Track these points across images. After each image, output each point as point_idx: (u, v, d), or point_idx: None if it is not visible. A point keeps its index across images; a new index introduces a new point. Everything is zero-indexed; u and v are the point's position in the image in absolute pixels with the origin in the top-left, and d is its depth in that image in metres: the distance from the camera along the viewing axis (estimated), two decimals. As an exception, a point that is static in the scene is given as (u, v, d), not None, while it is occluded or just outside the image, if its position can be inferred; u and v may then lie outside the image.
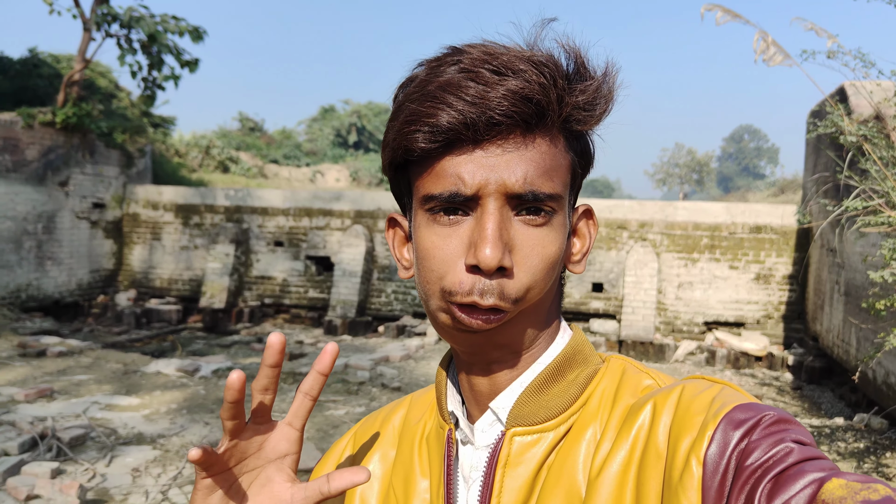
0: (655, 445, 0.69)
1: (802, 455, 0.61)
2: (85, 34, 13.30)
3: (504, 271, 0.71)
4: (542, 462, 0.76)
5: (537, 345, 0.79)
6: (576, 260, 0.82)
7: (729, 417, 0.65)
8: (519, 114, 0.69)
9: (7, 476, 5.06)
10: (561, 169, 0.74)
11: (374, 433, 0.94)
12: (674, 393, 0.72)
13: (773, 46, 4.75)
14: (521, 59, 0.70)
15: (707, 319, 12.03)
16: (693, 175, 69.18)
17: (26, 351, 9.25)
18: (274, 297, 13.94)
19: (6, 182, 12.08)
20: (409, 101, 0.72)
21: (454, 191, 0.70)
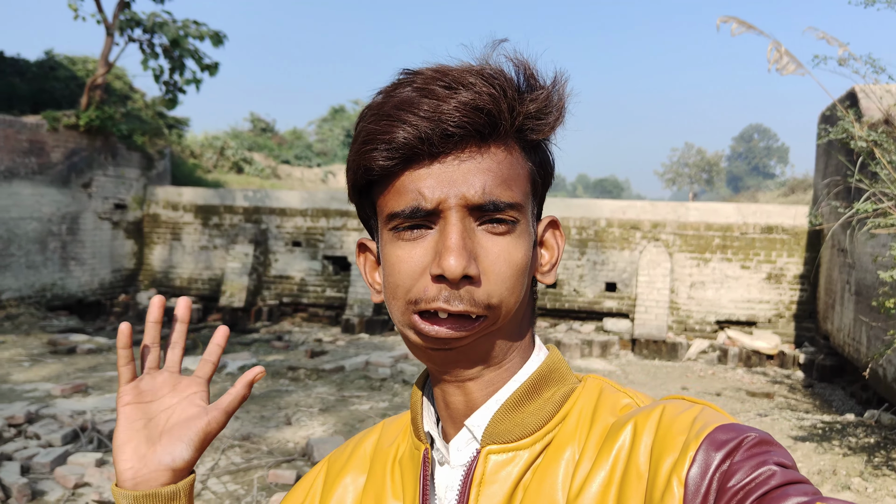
0: (636, 466, 0.69)
1: (785, 478, 0.61)
2: (108, 39, 13.59)
3: (471, 279, 0.71)
4: (517, 481, 0.76)
5: (512, 360, 0.79)
6: (545, 271, 0.83)
7: (711, 438, 0.65)
8: (471, 124, 0.71)
9: (55, 465, 5.32)
10: (520, 178, 0.75)
11: (345, 460, 0.93)
12: (654, 413, 0.72)
13: (786, 56, 4.95)
14: (471, 73, 0.72)
15: (719, 318, 12.22)
16: (703, 175, 69.16)
17: (57, 348, 9.53)
18: (292, 296, 14.20)
19: (32, 184, 12.39)
20: (366, 123, 0.74)
21: (415, 206, 0.71)
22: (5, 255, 11.98)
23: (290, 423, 6.70)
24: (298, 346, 11.35)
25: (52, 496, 4.92)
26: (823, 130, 6.85)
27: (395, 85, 0.74)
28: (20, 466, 5.21)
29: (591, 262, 12.76)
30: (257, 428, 6.51)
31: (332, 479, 0.92)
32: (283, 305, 14.25)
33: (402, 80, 0.74)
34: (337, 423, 6.77)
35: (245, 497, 5.04)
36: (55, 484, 5.09)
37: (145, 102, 19.51)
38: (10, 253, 12.06)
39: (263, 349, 11.14)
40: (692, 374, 10.26)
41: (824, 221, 11.03)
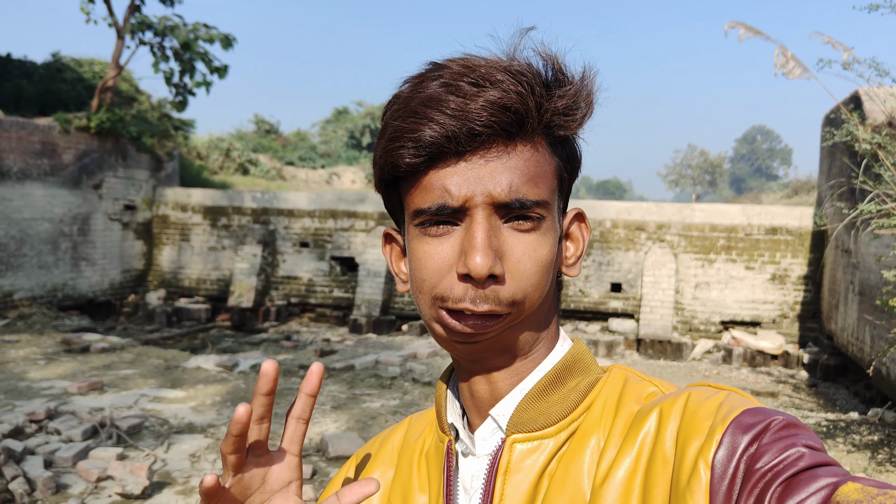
0: (662, 451, 0.69)
1: (814, 460, 0.60)
2: (118, 42, 13.74)
3: (496, 278, 0.71)
4: (543, 469, 0.76)
5: (537, 350, 0.80)
6: (570, 263, 0.82)
7: (738, 421, 0.65)
8: (499, 123, 0.70)
9: (76, 460, 5.45)
10: (546, 175, 0.75)
11: (373, 456, 0.93)
12: (680, 399, 0.71)
13: (791, 61, 5.07)
14: (498, 69, 0.71)
15: (724, 319, 12.33)
16: (706, 176, 69.20)
17: (71, 347, 9.66)
18: (300, 296, 14.33)
19: (44, 185, 12.53)
20: (393, 119, 0.73)
21: (441, 203, 0.71)
22: (18, 256, 12.12)
23: (304, 420, 6.82)
24: (307, 345, 11.47)
25: (75, 489, 5.04)
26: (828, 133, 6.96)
27: (421, 77, 0.74)
28: (43, 461, 5.33)
29: (597, 263, 12.87)
30: (272, 425, 6.62)
31: (362, 474, 0.92)
32: (291, 306, 14.38)
33: (429, 73, 0.73)
34: (349, 420, 6.88)
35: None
36: (78, 478, 5.22)
37: (151, 104, 19.63)
38: (22, 253, 12.20)
39: (273, 349, 11.27)
40: (697, 374, 10.36)
41: (828, 222, 11.13)
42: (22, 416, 6.26)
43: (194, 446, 5.95)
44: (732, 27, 4.95)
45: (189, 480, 5.26)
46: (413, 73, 0.76)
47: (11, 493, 4.82)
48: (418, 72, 0.76)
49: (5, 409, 6.63)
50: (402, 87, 0.76)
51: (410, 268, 0.77)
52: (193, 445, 5.97)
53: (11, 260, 12.01)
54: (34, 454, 5.50)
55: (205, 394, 7.64)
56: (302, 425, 0.78)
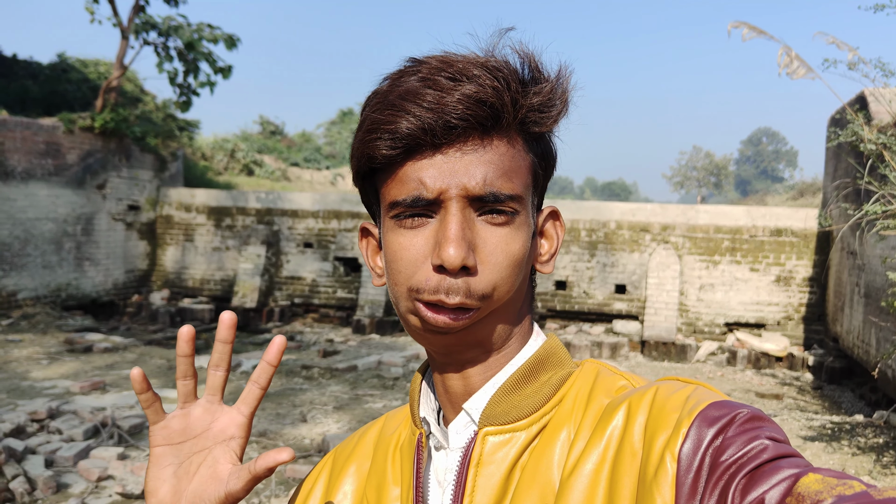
0: (631, 444, 0.70)
1: (777, 452, 0.61)
2: (123, 42, 13.76)
3: (468, 270, 0.72)
4: (514, 462, 0.77)
5: (510, 345, 0.81)
6: (544, 260, 0.83)
7: (703, 415, 0.66)
8: (474, 117, 0.71)
9: (77, 459, 5.44)
10: (521, 170, 0.76)
11: (350, 451, 0.95)
12: (649, 393, 0.73)
13: (796, 61, 5.04)
14: (476, 65, 0.72)
15: (728, 321, 12.28)
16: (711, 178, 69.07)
17: (73, 347, 9.66)
18: (303, 296, 14.32)
19: (48, 185, 12.55)
20: (371, 112, 0.75)
21: (416, 195, 0.73)
22: (22, 256, 12.14)
23: (306, 421, 6.81)
24: (310, 346, 11.46)
25: (76, 488, 5.03)
26: (833, 133, 6.92)
27: (400, 73, 0.75)
28: (44, 460, 5.33)
29: (601, 265, 12.83)
30: (274, 425, 6.61)
31: (339, 469, 0.94)
32: (295, 306, 14.37)
33: (408, 69, 0.75)
34: (351, 420, 6.87)
35: (264, 491, 5.14)
36: (79, 477, 5.21)
37: (156, 105, 19.67)
38: (26, 253, 12.22)
39: (276, 349, 11.26)
40: (701, 376, 10.32)
41: (834, 224, 11.09)
42: (24, 415, 6.26)
43: (195, 446, 5.95)
44: (736, 27, 4.92)
45: (190, 480, 5.26)
46: (392, 70, 0.77)
47: (12, 493, 4.81)
48: (397, 68, 0.77)
49: (7, 409, 6.63)
50: (382, 84, 0.77)
51: (386, 260, 0.78)
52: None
53: (15, 260, 12.02)
54: (35, 453, 5.49)
55: (207, 394, 7.63)
56: (258, 389, 0.82)
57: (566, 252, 13.02)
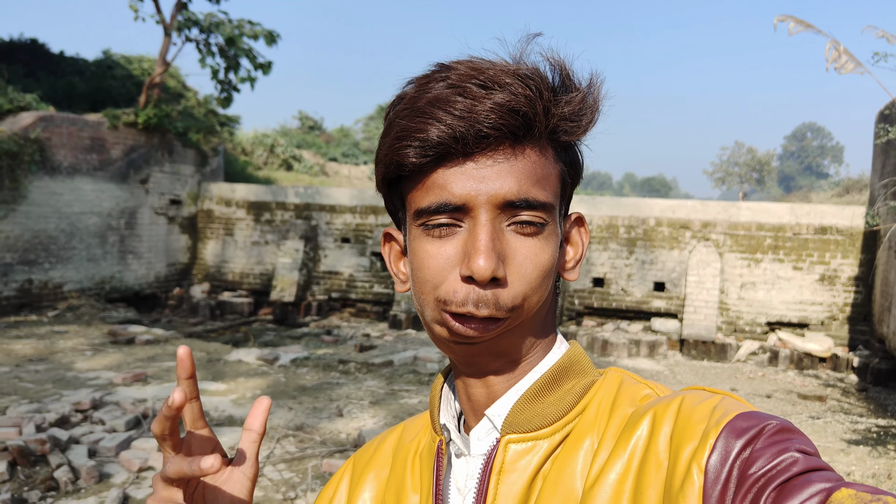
0: (656, 454, 0.69)
1: (808, 465, 0.60)
2: (165, 39, 13.96)
3: (498, 281, 0.72)
4: (537, 470, 0.76)
5: (534, 353, 0.80)
6: (569, 267, 0.83)
7: (731, 426, 0.64)
8: (506, 126, 0.70)
9: (119, 450, 5.54)
10: (551, 178, 0.75)
11: (369, 458, 0.95)
12: (674, 402, 0.71)
13: (844, 55, 4.90)
14: (507, 72, 0.71)
15: (770, 320, 12.05)
16: (753, 174, 67.87)
17: (117, 339, 9.85)
18: (341, 291, 14.42)
19: (93, 180, 12.80)
20: (399, 118, 0.73)
21: (444, 201, 0.72)
22: (68, 249, 12.41)
23: (342, 415, 6.85)
24: (347, 340, 11.53)
25: (117, 479, 5.13)
26: (882, 129, 6.73)
27: (427, 78, 0.74)
28: (87, 450, 5.44)
29: (640, 262, 12.69)
30: (310, 419, 6.67)
31: (358, 476, 0.94)
32: (332, 300, 14.47)
33: (435, 74, 0.73)
34: (387, 415, 6.89)
35: (300, 485, 5.19)
36: (120, 467, 5.31)
37: (198, 101, 19.94)
38: (72, 246, 12.49)
39: (313, 343, 11.35)
40: (741, 376, 10.15)
41: (881, 222, 10.80)
42: (68, 405, 6.40)
43: (234, 439, 6.02)
44: (782, 21, 4.80)
45: (228, 473, 5.32)
46: (418, 75, 0.76)
47: (56, 481, 4.92)
48: (423, 72, 0.76)
49: (53, 399, 6.78)
50: (407, 88, 0.76)
51: (412, 268, 0.77)
52: (233, 438, 6.04)
53: (62, 253, 12.30)
54: (79, 443, 5.61)
55: (245, 387, 7.72)
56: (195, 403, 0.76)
57: (604, 249, 12.90)
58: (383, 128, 0.76)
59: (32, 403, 6.55)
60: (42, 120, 11.72)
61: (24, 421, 5.75)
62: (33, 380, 7.57)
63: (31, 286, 11.75)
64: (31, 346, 9.19)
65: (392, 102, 0.77)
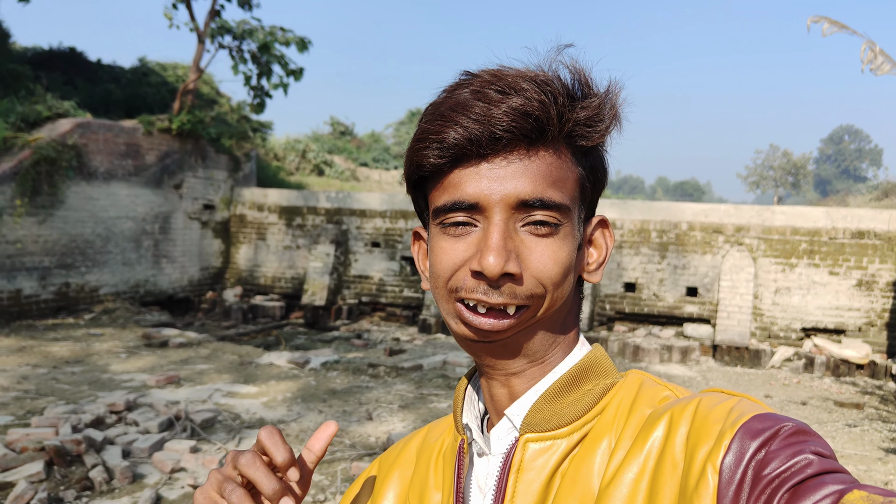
0: (672, 455, 0.69)
1: (822, 467, 0.60)
2: (199, 46, 14.17)
3: (513, 276, 0.74)
4: (555, 469, 0.77)
5: (555, 354, 0.82)
6: (591, 269, 0.84)
7: (746, 427, 0.65)
8: (519, 129, 0.73)
9: (152, 451, 5.62)
10: (568, 181, 0.77)
11: (394, 458, 0.97)
12: (692, 404, 0.72)
13: (880, 56, 4.80)
14: (525, 78, 0.74)
15: (805, 326, 11.85)
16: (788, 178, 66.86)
17: (150, 342, 10.00)
18: (371, 295, 14.48)
19: (128, 185, 13.02)
20: (423, 122, 0.78)
21: (457, 199, 0.75)
22: (103, 253, 12.63)
23: (371, 419, 6.87)
24: (377, 344, 11.57)
25: (150, 479, 5.20)
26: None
27: (455, 86, 0.78)
28: (121, 450, 5.53)
29: (672, 267, 12.56)
30: (340, 422, 6.70)
31: (383, 476, 0.96)
32: (362, 304, 14.54)
33: (462, 82, 0.77)
34: (416, 419, 6.90)
35: (329, 487, 5.22)
36: (153, 468, 5.38)
37: (231, 107, 20.19)
38: (107, 250, 12.71)
39: (343, 346, 11.41)
40: (776, 382, 9.99)
41: (920, 226, 10.57)
42: (103, 406, 6.51)
43: (264, 441, 6.07)
44: (815, 21, 4.73)
45: (258, 475, 5.37)
46: (450, 83, 0.80)
47: (91, 481, 5.00)
48: (455, 80, 0.79)
49: (89, 400, 6.90)
50: (438, 97, 0.79)
51: (429, 263, 0.81)
52: (263, 440, 6.09)
53: (98, 256, 12.52)
54: (113, 444, 5.70)
55: (276, 390, 7.79)
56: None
57: (636, 254, 12.79)
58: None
59: (69, 404, 6.67)
60: (79, 126, 11.96)
61: (61, 421, 5.86)
62: (70, 381, 7.71)
63: (68, 289, 11.98)
64: (68, 349, 9.37)
65: (425, 110, 0.81)
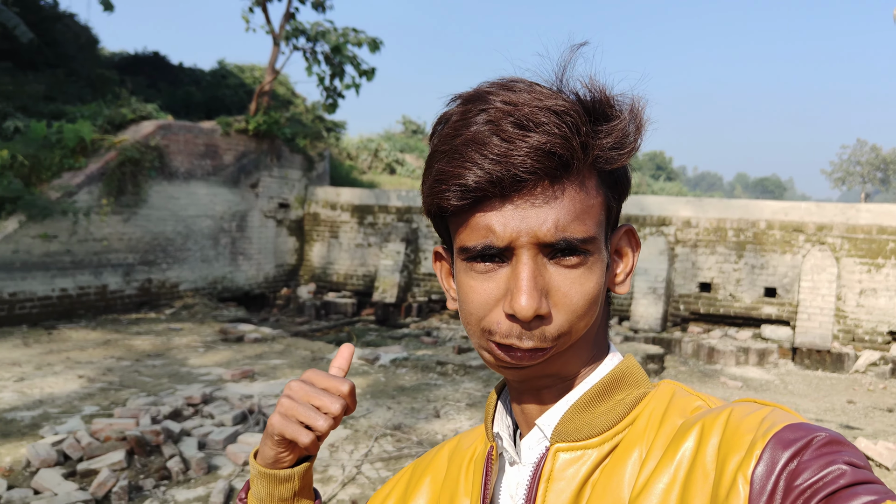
0: (703, 465, 0.69)
1: (855, 478, 0.59)
2: (274, 48, 14.51)
3: (542, 317, 0.73)
4: (585, 479, 0.77)
5: (585, 368, 0.82)
6: (619, 281, 0.84)
7: (778, 437, 0.64)
8: (543, 169, 0.70)
9: (226, 443, 5.79)
10: (593, 209, 0.75)
11: (427, 463, 0.98)
12: (723, 414, 0.72)
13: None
14: (542, 109, 0.70)
15: (893, 329, 11.32)
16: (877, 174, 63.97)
17: (227, 336, 10.31)
18: (440, 293, 14.54)
19: (207, 184, 13.45)
20: (438, 158, 0.74)
21: (487, 243, 0.72)
22: (183, 250, 13.09)
23: (439, 416, 6.91)
24: (446, 342, 11.62)
25: (224, 471, 5.36)
26: None
27: (466, 109, 0.74)
28: (197, 442, 5.71)
29: (749, 266, 12.19)
30: (408, 419, 6.76)
31: (416, 480, 0.97)
32: (432, 302, 14.63)
33: (474, 107, 0.73)
34: (483, 417, 6.88)
35: (396, 484, 5.26)
36: (227, 460, 5.54)
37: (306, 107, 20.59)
38: (187, 248, 13.16)
39: (413, 344, 11.50)
40: (860, 388, 9.58)
41: None
42: (181, 399, 6.74)
43: (333, 437, 6.17)
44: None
45: (327, 470, 5.46)
46: (460, 94, 0.77)
47: (169, 471, 5.19)
48: (466, 95, 0.76)
49: (168, 393, 7.16)
50: (449, 109, 0.77)
51: (459, 298, 0.79)
52: (333, 436, 6.20)
53: (178, 254, 12.98)
54: (190, 435, 5.89)
55: (346, 386, 7.90)
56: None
57: (711, 253, 12.47)
58: (427, 156, 0.77)
59: (149, 396, 6.94)
60: (161, 128, 12.41)
61: (142, 413, 6.10)
62: (150, 374, 8.02)
63: (150, 285, 12.46)
64: (150, 342, 9.74)
65: (435, 124, 0.78)
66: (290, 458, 0.89)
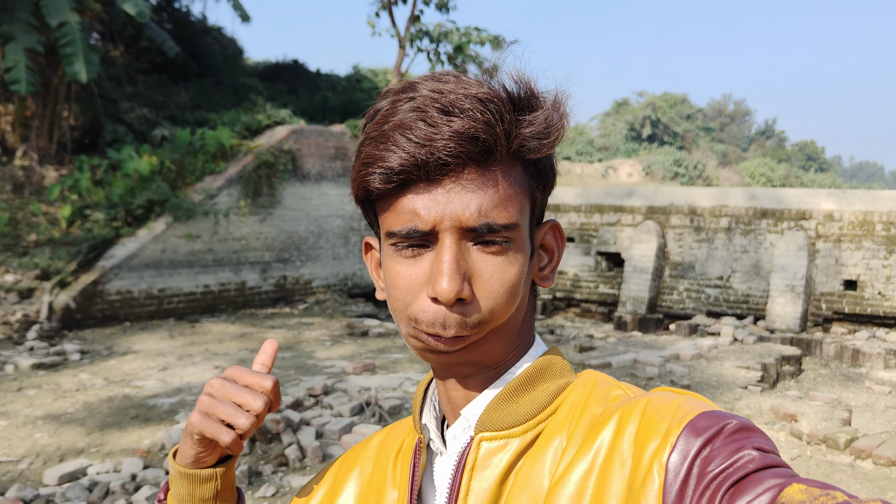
0: (620, 452, 0.71)
1: (763, 462, 0.62)
2: (400, 51, 14.88)
3: (463, 301, 0.74)
4: (509, 467, 0.78)
5: (510, 358, 0.83)
6: (544, 274, 0.85)
7: (692, 425, 0.67)
8: (466, 153, 0.71)
9: (342, 434, 6.03)
10: (517, 197, 0.76)
11: (355, 456, 0.98)
12: (640, 402, 0.73)
13: None
14: (467, 96, 0.72)
15: None
16: None
17: (353, 331, 10.70)
18: (565, 291, 14.41)
19: (337, 185, 14.00)
20: (366, 142, 0.76)
21: (412, 227, 0.74)
22: (316, 248, 13.69)
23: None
24: (569, 340, 11.50)
25: (338, 460, 5.59)
26: None
27: (396, 98, 0.75)
28: (315, 431, 5.98)
29: (899, 263, 11.28)
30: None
31: (343, 473, 0.97)
32: (557, 300, 14.52)
33: (404, 95, 0.75)
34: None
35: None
36: (341, 449, 5.77)
37: (428, 108, 21.00)
38: (319, 246, 13.76)
39: (535, 341, 11.48)
40: None
41: None
42: (304, 390, 7.07)
43: (445, 431, 6.28)
44: None
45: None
46: (390, 87, 0.79)
47: (286, 458, 5.47)
48: (397, 88, 0.78)
49: (293, 384, 7.54)
50: (380, 104, 0.78)
51: (386, 284, 0.81)
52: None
53: (311, 252, 13.60)
54: (309, 425, 6.18)
55: (462, 381, 8.01)
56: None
57: (857, 248, 11.63)
58: (358, 145, 0.79)
59: (275, 387, 7.33)
60: (293, 133, 13.05)
61: (266, 402, 6.45)
62: (280, 366, 8.46)
63: (285, 282, 13.13)
64: (283, 335, 10.27)
65: (368, 115, 0.80)
66: (211, 458, 0.88)
